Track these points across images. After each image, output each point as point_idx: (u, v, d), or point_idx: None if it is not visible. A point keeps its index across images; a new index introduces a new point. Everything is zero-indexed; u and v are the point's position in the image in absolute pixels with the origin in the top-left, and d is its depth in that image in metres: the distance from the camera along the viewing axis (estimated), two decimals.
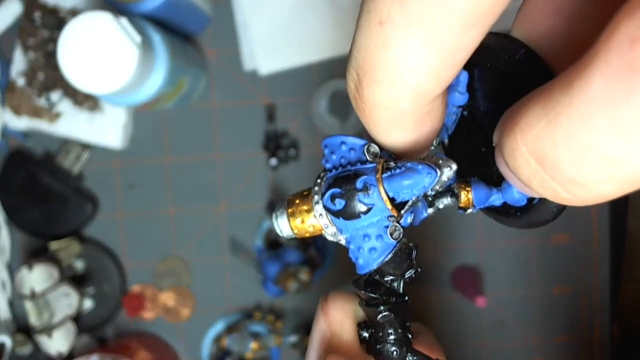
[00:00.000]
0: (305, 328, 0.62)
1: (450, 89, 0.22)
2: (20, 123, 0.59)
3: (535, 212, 0.21)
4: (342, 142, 0.22)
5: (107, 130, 0.58)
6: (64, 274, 0.59)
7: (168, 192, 0.62)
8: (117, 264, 0.61)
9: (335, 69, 0.60)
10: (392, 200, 0.20)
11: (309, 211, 0.21)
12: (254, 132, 0.61)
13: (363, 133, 0.20)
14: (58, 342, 0.57)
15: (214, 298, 0.62)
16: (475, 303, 0.54)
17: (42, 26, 0.57)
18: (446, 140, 0.24)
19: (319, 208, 0.21)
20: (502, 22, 0.17)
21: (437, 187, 0.20)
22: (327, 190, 0.21)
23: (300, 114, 0.61)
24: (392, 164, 0.20)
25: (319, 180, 0.21)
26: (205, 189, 0.61)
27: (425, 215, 0.22)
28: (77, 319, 0.60)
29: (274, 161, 0.60)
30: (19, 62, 0.58)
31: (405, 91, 0.18)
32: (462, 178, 0.22)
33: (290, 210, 0.22)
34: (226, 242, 0.62)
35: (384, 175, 0.20)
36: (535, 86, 0.16)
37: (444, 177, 0.20)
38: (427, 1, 0.15)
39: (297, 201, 0.22)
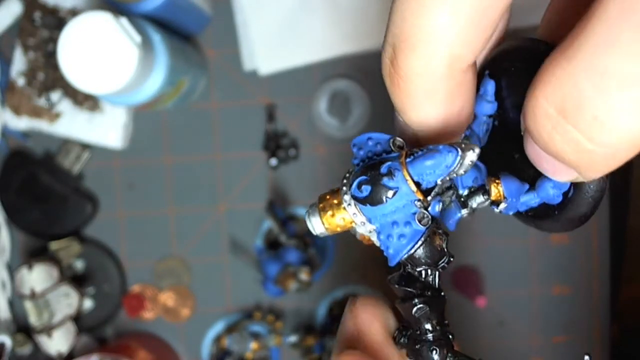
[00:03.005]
0: (305, 328, 0.62)
1: (478, 99, 0.22)
2: (20, 123, 0.59)
3: (572, 206, 0.21)
4: (369, 138, 0.22)
5: (107, 130, 0.58)
6: (64, 274, 0.59)
7: (168, 192, 0.62)
8: (117, 264, 0.61)
9: (336, 69, 0.60)
10: (417, 184, 0.20)
11: (338, 204, 0.22)
12: (254, 132, 0.61)
13: (396, 130, 0.20)
14: (58, 342, 0.57)
15: (214, 298, 0.62)
16: (475, 303, 0.54)
17: (42, 26, 0.57)
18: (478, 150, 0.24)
19: (347, 198, 0.21)
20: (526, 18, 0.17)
21: (462, 171, 0.20)
22: (354, 180, 0.21)
23: (300, 114, 0.61)
24: (415, 150, 0.21)
25: (347, 175, 0.22)
26: (205, 189, 0.62)
27: (459, 215, 0.22)
28: (77, 319, 0.60)
29: (274, 161, 0.60)
30: (19, 62, 0.58)
31: (439, 55, 0.19)
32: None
33: (321, 205, 0.22)
34: (226, 242, 0.62)
35: (407, 159, 0.20)
36: None
37: (467, 160, 0.20)
38: None
39: (328, 196, 0.22)
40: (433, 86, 0.20)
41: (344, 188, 0.21)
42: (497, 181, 0.22)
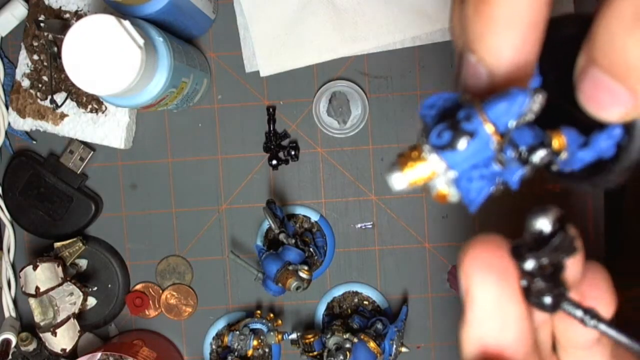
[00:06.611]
0: (305, 325, 0.63)
1: None
2: (25, 124, 0.60)
3: (626, 154, 0.22)
4: (438, 98, 0.23)
5: (111, 131, 0.59)
6: (68, 272, 0.59)
7: (170, 192, 0.62)
8: (120, 263, 0.62)
9: (335, 71, 0.61)
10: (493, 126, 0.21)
11: (418, 156, 0.22)
12: (255, 133, 0.62)
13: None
14: (62, 339, 0.58)
15: (216, 296, 0.63)
16: None
17: (46, 29, 0.58)
18: None
19: (427, 147, 0.21)
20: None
21: (532, 116, 0.21)
22: (432, 130, 0.21)
23: (301, 115, 0.62)
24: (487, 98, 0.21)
25: (421, 132, 0.22)
26: (206, 189, 0.62)
27: (521, 172, 0.22)
28: (81, 317, 0.61)
29: (274, 161, 0.61)
30: (23, 64, 0.59)
31: None
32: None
33: (400, 159, 0.22)
34: (227, 241, 0.63)
35: (483, 103, 0.21)
36: None
37: (537, 103, 0.21)
38: None
39: (406, 152, 0.22)
40: (517, 12, 0.20)
41: (422, 138, 0.22)
42: (557, 132, 0.22)
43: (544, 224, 0.21)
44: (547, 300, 0.22)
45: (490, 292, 0.21)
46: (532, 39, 0.21)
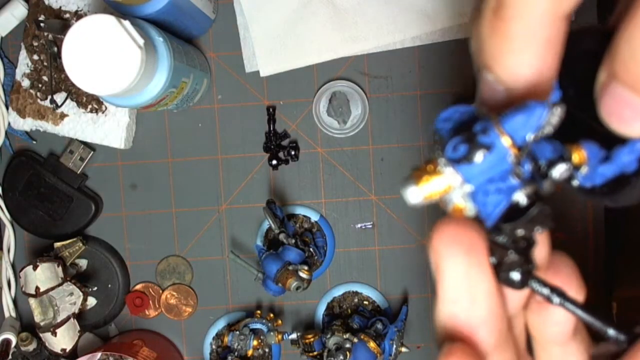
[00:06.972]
0: (305, 325, 0.63)
1: None
2: (25, 124, 0.60)
3: None
4: (454, 111, 0.22)
5: (111, 131, 0.59)
6: (68, 272, 0.59)
7: (170, 192, 0.62)
8: (120, 263, 0.62)
9: (335, 71, 0.61)
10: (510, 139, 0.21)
11: (434, 169, 0.21)
12: (255, 132, 0.62)
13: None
14: (62, 339, 0.58)
15: (216, 296, 0.63)
16: None
17: (46, 29, 0.58)
18: None
19: (442, 161, 0.21)
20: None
21: (550, 129, 0.20)
22: (448, 143, 0.21)
23: (301, 114, 0.62)
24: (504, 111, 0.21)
25: (437, 146, 0.22)
26: (206, 189, 0.62)
27: (542, 187, 0.22)
28: (81, 317, 0.61)
29: (274, 162, 0.61)
30: (23, 64, 0.59)
31: None
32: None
33: (415, 173, 0.22)
34: (227, 241, 0.63)
35: (500, 116, 0.21)
36: None
37: (555, 117, 0.20)
38: None
39: (422, 166, 0.22)
40: (533, 28, 0.20)
41: (438, 152, 0.21)
42: (577, 146, 0.22)
43: (520, 196, 0.22)
44: (516, 276, 0.22)
45: (459, 266, 0.21)
46: (551, 55, 0.20)
